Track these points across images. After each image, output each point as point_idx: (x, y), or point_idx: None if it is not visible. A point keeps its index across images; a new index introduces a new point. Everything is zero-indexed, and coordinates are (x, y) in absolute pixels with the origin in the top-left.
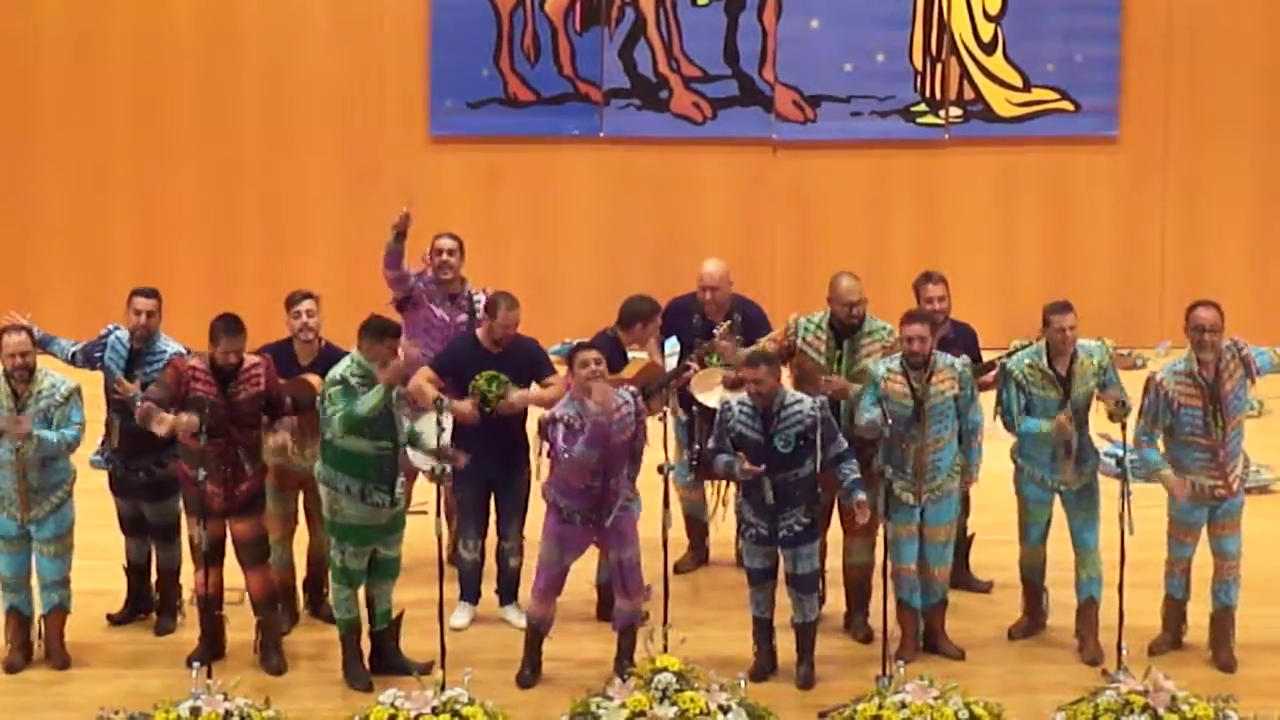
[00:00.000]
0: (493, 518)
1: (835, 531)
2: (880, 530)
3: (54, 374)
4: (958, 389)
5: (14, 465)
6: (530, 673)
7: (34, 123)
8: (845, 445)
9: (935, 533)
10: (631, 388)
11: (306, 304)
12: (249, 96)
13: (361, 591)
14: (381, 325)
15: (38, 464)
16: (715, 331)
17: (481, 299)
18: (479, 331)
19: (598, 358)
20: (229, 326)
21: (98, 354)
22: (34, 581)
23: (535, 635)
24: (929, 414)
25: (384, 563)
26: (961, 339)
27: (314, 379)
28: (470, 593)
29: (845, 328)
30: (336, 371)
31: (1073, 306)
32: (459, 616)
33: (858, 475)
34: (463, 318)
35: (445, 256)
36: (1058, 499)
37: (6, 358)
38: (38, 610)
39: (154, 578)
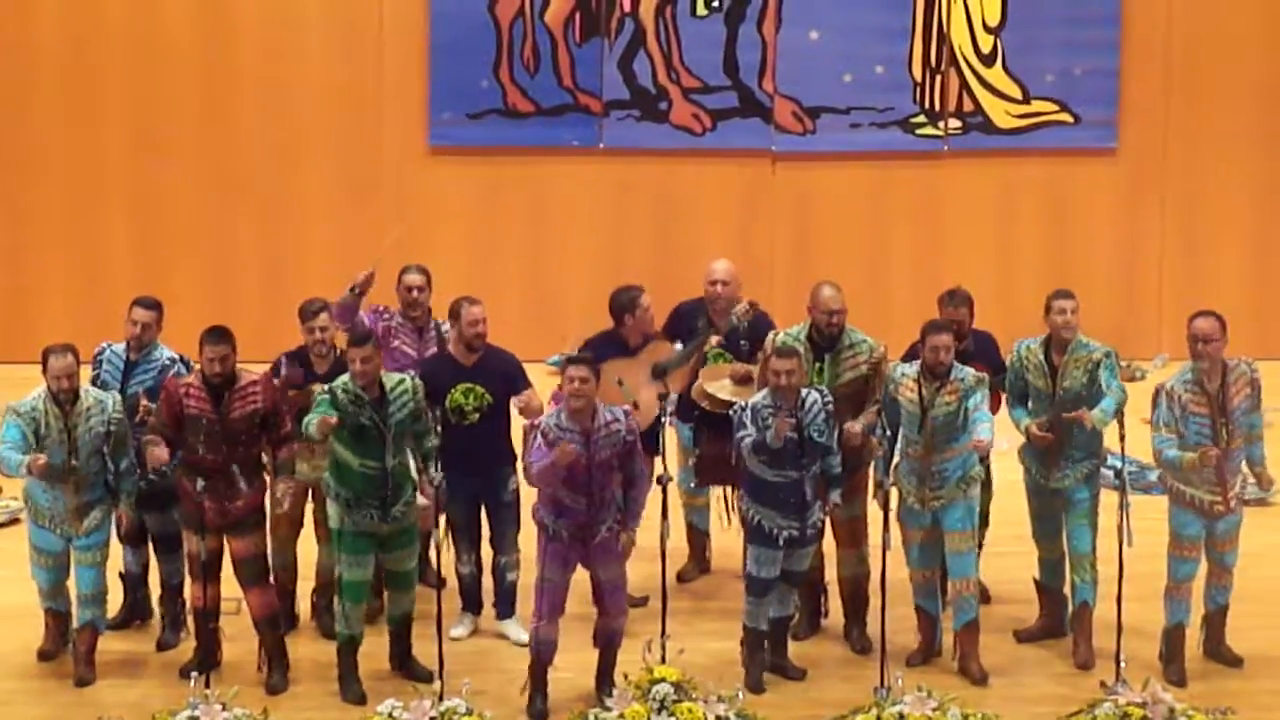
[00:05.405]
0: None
1: (828, 542)
2: (870, 540)
3: (95, 390)
4: (957, 400)
5: (64, 485)
6: (542, 702)
7: (30, 129)
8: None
9: (951, 539)
10: (625, 406)
11: (321, 318)
12: (247, 106)
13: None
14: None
15: (89, 482)
16: (734, 311)
17: (449, 331)
18: (450, 346)
19: (584, 376)
20: (210, 334)
21: (95, 373)
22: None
23: (539, 663)
24: (934, 423)
25: (392, 575)
26: (981, 348)
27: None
28: (471, 604)
29: (824, 339)
30: (336, 382)
31: (1074, 295)
32: (459, 628)
33: (839, 470)
34: (432, 350)
35: (415, 294)
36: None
37: (52, 379)
38: (75, 611)
39: (149, 588)
